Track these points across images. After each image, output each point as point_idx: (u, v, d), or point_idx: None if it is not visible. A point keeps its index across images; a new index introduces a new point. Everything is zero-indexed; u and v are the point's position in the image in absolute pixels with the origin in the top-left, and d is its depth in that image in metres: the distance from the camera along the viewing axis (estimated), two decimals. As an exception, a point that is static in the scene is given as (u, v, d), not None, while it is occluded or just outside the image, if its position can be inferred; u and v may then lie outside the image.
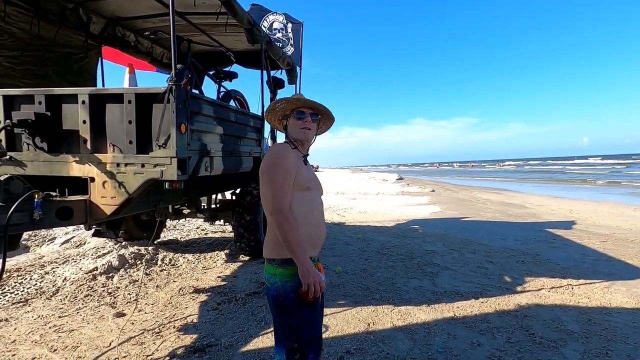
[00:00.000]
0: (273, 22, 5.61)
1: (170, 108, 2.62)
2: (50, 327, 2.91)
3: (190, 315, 3.18)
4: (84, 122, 2.74)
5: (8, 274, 3.93)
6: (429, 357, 2.51)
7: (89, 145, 2.74)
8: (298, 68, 6.35)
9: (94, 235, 3.98)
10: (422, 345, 2.67)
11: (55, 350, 2.58)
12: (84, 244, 5.45)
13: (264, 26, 5.74)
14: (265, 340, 2.71)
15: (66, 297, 3.52)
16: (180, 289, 3.78)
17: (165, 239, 5.98)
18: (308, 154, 1.68)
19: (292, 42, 5.87)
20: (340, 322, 3.04)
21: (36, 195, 2.44)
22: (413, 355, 2.53)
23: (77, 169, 2.75)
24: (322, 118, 1.73)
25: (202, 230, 6.87)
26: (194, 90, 3.91)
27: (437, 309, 3.30)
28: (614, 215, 9.46)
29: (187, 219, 6.03)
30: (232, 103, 5.21)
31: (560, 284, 3.98)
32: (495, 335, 2.81)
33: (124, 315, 3.18)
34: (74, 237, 5.76)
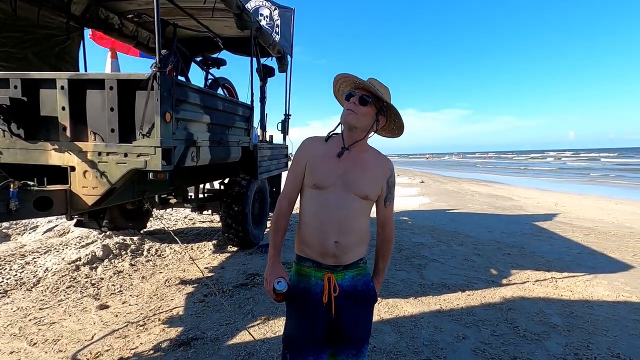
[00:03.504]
0: (259, 7, 5.45)
1: (155, 96, 2.52)
2: (30, 320, 2.84)
3: (176, 307, 3.14)
4: (63, 108, 2.61)
5: (-14, 264, 3.82)
6: (415, 350, 2.53)
7: (68, 133, 2.62)
8: (289, 56, 6.23)
9: (76, 225, 3.89)
10: (409, 338, 2.69)
11: (34, 343, 2.51)
12: (68, 232, 5.32)
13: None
14: (253, 333, 2.69)
15: (47, 288, 3.43)
16: (166, 280, 3.73)
17: (152, 229, 5.88)
18: (347, 148, 1.41)
19: (278, 30, 5.73)
20: (327, 314, 3.03)
21: (12, 185, 2.34)
22: (399, 348, 2.55)
23: (56, 158, 2.64)
24: (386, 110, 1.43)
25: (189, 220, 6.78)
26: (179, 77, 3.78)
27: (424, 302, 3.32)
28: (597, 209, 9.67)
29: (174, 208, 5.94)
30: (220, 91, 5.08)
31: (545, 277, 4.05)
32: (481, 328, 2.84)
33: (107, 307, 3.12)
34: (57, 225, 5.62)
